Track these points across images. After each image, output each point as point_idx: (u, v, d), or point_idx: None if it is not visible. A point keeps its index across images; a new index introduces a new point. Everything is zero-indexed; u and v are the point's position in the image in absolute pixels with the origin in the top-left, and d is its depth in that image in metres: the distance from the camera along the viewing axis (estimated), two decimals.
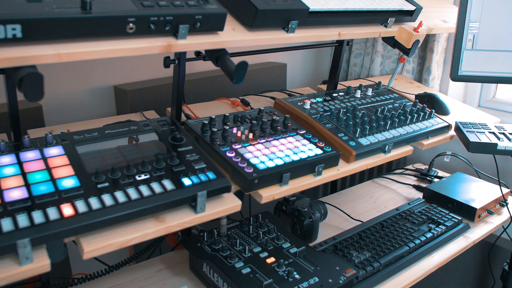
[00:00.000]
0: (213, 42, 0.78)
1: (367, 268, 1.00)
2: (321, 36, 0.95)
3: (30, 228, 0.59)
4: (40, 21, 0.59)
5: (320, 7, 0.92)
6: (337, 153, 0.93)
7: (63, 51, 0.62)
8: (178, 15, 0.71)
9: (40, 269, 0.60)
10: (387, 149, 1.03)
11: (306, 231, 1.13)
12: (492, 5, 1.18)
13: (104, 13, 0.64)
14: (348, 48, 1.75)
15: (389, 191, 1.51)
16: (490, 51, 1.20)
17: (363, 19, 1.04)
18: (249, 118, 1.00)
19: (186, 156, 0.80)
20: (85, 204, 0.65)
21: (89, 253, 0.63)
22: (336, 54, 1.32)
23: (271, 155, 0.86)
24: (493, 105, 1.73)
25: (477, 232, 1.27)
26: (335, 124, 1.04)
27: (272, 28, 0.88)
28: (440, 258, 1.14)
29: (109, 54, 0.66)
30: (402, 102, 1.26)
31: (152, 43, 0.70)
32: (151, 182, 0.72)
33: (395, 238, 1.13)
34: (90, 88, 1.26)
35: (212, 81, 1.41)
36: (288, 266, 0.91)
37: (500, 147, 1.11)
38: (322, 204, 1.25)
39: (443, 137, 1.21)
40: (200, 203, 0.72)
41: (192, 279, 0.99)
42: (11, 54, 0.58)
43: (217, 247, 0.96)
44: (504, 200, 1.37)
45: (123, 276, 0.98)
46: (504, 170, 1.55)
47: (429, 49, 1.62)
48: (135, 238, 0.67)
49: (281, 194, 0.84)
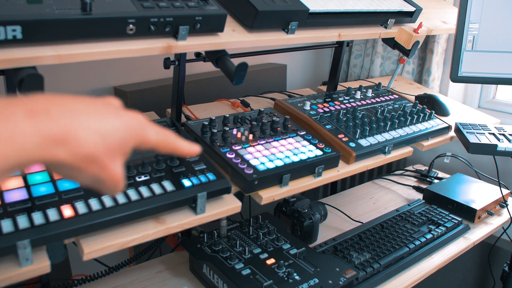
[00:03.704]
0: (213, 43, 0.78)
1: (367, 269, 1.00)
2: (321, 37, 0.95)
3: (30, 229, 0.59)
4: (40, 22, 0.59)
5: (320, 8, 0.92)
6: (337, 154, 0.93)
7: (63, 52, 0.62)
8: (178, 16, 0.71)
9: (40, 270, 0.60)
10: (387, 150, 1.03)
11: (306, 232, 1.13)
12: (492, 6, 1.18)
13: (104, 14, 0.64)
14: (348, 49, 1.75)
15: (389, 192, 1.51)
16: (490, 52, 1.20)
17: (363, 20, 1.04)
18: (249, 119, 1.00)
19: (186, 157, 0.80)
20: (85, 205, 0.65)
21: (89, 254, 0.63)
22: (336, 55, 1.32)
23: (271, 156, 0.86)
24: (493, 106, 1.73)
25: (477, 233, 1.27)
26: (335, 125, 1.04)
27: (272, 29, 0.88)
28: (440, 259, 1.14)
29: (109, 55, 0.66)
30: (402, 103, 1.26)
31: (152, 44, 0.70)
32: (151, 183, 0.72)
33: (395, 239, 1.13)
34: (90, 89, 1.26)
35: (212, 82, 1.41)
36: (288, 267, 0.91)
37: (500, 148, 1.11)
38: (322, 205, 1.25)
39: (443, 138, 1.21)
40: (200, 204, 0.72)
41: (192, 280, 0.99)
42: (11, 55, 0.58)
43: (217, 248, 0.96)
44: (504, 201, 1.37)
45: (123, 277, 0.98)
46: (504, 171, 1.55)
47: (429, 50, 1.62)
48: (135, 239, 0.67)
49: (281, 195, 0.84)
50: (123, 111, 0.41)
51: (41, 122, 0.34)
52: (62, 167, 0.37)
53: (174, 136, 0.45)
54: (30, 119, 0.33)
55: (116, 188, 0.40)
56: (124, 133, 0.39)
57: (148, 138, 0.42)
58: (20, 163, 0.33)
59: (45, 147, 0.34)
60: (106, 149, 0.37)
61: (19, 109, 0.34)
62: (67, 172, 0.38)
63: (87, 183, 0.39)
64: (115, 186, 0.40)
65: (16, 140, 0.32)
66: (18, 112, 0.33)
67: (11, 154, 0.32)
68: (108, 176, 0.39)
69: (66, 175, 0.39)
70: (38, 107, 0.35)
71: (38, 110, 0.34)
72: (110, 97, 0.43)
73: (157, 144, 0.43)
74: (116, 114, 0.40)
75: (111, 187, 0.40)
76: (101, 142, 0.37)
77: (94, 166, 0.37)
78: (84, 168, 0.37)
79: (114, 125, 0.39)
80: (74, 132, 0.35)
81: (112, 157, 0.38)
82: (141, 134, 0.41)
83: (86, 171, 0.37)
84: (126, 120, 0.40)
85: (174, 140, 0.44)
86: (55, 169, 0.38)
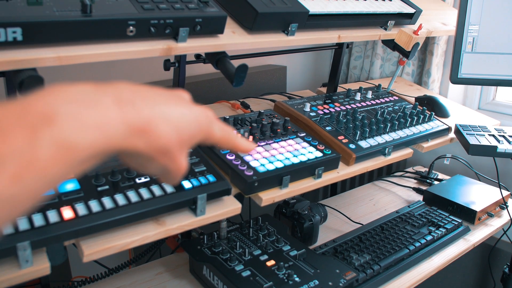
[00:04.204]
0: (213, 45, 0.78)
1: (367, 271, 1.00)
2: (321, 39, 0.96)
3: (30, 231, 0.59)
4: (41, 24, 0.59)
5: (320, 10, 0.92)
6: (337, 156, 0.93)
7: (63, 54, 0.62)
8: (178, 18, 0.71)
9: (40, 272, 0.60)
10: (387, 152, 1.03)
11: (306, 233, 1.13)
12: (492, 8, 1.18)
13: (104, 16, 0.64)
14: (348, 51, 1.75)
15: (389, 194, 1.51)
16: (490, 53, 1.20)
17: (363, 22, 1.04)
18: (249, 120, 1.00)
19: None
20: (85, 207, 0.65)
21: (89, 256, 0.63)
22: (336, 56, 1.32)
23: (271, 158, 0.86)
24: (493, 107, 1.73)
25: (477, 234, 1.27)
26: (335, 127, 1.04)
27: (272, 31, 0.88)
28: (440, 261, 1.14)
29: (109, 57, 0.66)
30: (402, 105, 1.26)
31: (152, 46, 0.71)
32: (151, 185, 0.72)
33: (395, 241, 1.13)
34: None
35: (212, 83, 1.42)
36: (288, 269, 0.91)
37: (500, 149, 1.11)
38: (322, 207, 1.25)
39: (443, 140, 1.21)
40: (200, 206, 0.72)
41: (192, 282, 0.99)
42: (11, 57, 0.58)
43: (217, 250, 0.96)
44: (504, 202, 1.37)
45: (123, 279, 0.98)
46: (504, 173, 1.55)
47: (428, 52, 1.62)
48: (135, 241, 0.67)
49: (281, 197, 0.84)
50: (193, 105, 0.42)
51: (128, 111, 0.34)
52: (137, 157, 0.37)
53: (235, 133, 0.46)
54: (119, 108, 0.34)
55: (179, 178, 0.41)
56: (195, 127, 0.40)
57: (213, 133, 0.43)
58: (105, 151, 0.34)
59: (128, 136, 0.34)
60: (178, 142, 0.38)
61: (108, 97, 0.34)
62: (139, 161, 0.38)
63: (153, 171, 0.40)
64: (179, 176, 0.41)
65: (105, 128, 0.33)
66: (107, 100, 0.34)
67: (99, 142, 0.32)
68: (176, 167, 0.39)
69: (136, 164, 0.39)
70: (125, 96, 0.35)
71: (125, 99, 0.35)
72: (180, 90, 0.43)
73: (220, 139, 0.44)
74: (189, 108, 0.40)
75: (174, 177, 0.41)
76: (175, 135, 0.38)
77: (166, 157, 0.38)
78: (156, 159, 0.38)
79: (188, 118, 0.39)
80: (155, 123, 0.36)
81: (182, 149, 0.39)
82: (208, 129, 0.42)
83: (157, 161, 0.38)
84: (197, 114, 0.41)
85: (235, 137, 0.46)
86: (127, 157, 0.38)
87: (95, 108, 0.33)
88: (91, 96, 0.33)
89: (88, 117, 0.32)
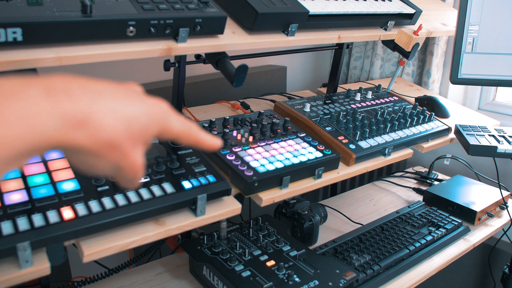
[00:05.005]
0: (213, 45, 0.78)
1: (367, 271, 1.00)
2: (321, 39, 0.96)
3: (30, 231, 0.59)
4: (41, 24, 0.59)
5: (320, 10, 0.92)
6: (337, 156, 0.93)
7: (63, 54, 0.62)
8: (178, 18, 0.71)
9: (40, 272, 0.60)
10: (387, 152, 1.03)
11: (306, 234, 1.13)
12: (492, 8, 1.18)
13: (104, 16, 0.64)
14: (348, 51, 1.75)
15: (389, 194, 1.51)
16: (490, 54, 1.20)
17: (363, 22, 1.04)
18: (249, 121, 1.00)
19: (186, 159, 0.80)
20: (85, 207, 0.65)
21: (89, 256, 0.63)
22: (336, 57, 1.32)
23: (271, 158, 0.86)
24: (493, 108, 1.73)
25: (477, 235, 1.27)
26: (335, 127, 1.05)
27: (272, 31, 0.88)
28: (440, 261, 1.14)
29: (109, 58, 0.67)
30: (402, 105, 1.26)
31: (152, 46, 0.71)
32: (151, 185, 0.72)
33: (395, 241, 1.13)
34: None
35: (212, 84, 1.42)
36: (288, 269, 0.91)
37: (500, 150, 1.11)
38: (322, 207, 1.25)
39: (443, 140, 1.21)
40: (200, 206, 0.72)
41: (192, 282, 0.99)
42: (11, 57, 0.58)
43: (217, 250, 0.96)
44: (504, 203, 1.37)
45: (123, 279, 0.98)
46: (504, 173, 1.55)
47: (428, 52, 1.62)
48: (135, 241, 0.67)
49: (281, 197, 0.84)
50: (146, 97, 0.39)
51: (61, 102, 0.32)
52: (81, 153, 0.35)
53: (197, 127, 0.43)
54: (49, 99, 0.31)
55: (135, 178, 0.38)
56: (147, 120, 0.37)
57: (170, 127, 0.40)
58: (36, 147, 0.31)
59: (64, 130, 0.32)
60: (128, 136, 0.36)
61: (37, 88, 0.31)
62: (85, 158, 0.35)
63: (105, 171, 0.37)
64: (134, 176, 0.38)
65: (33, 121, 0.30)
66: (35, 91, 0.31)
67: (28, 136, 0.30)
68: (128, 164, 0.37)
69: (83, 163, 0.36)
70: (58, 86, 0.32)
71: (58, 89, 0.32)
72: (131, 83, 0.41)
73: (179, 134, 0.41)
74: (140, 100, 0.38)
75: (130, 176, 0.38)
76: (123, 128, 0.35)
77: (115, 153, 0.35)
78: (103, 155, 0.35)
79: (138, 110, 0.37)
80: (95, 115, 0.33)
81: (134, 144, 0.37)
82: (164, 122, 0.39)
83: (105, 158, 0.35)
84: (149, 107, 0.38)
85: (196, 131, 0.42)
86: (72, 155, 0.36)
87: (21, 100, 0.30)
88: (14, 88, 0.31)
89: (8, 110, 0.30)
